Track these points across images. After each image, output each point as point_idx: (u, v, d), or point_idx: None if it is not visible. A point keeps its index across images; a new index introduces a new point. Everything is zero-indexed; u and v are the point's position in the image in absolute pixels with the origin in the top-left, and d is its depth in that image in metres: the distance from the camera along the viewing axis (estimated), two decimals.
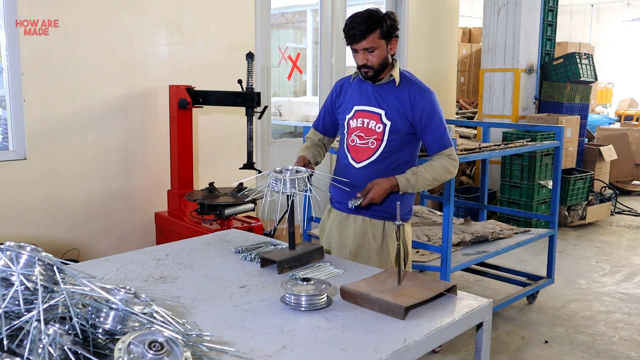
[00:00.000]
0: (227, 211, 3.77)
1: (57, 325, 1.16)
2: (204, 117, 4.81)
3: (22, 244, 1.23)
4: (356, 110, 2.67)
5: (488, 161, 5.13)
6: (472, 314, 1.72)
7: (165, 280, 1.95)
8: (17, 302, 1.15)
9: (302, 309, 1.68)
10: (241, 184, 3.91)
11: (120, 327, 1.24)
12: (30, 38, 3.89)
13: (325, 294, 1.73)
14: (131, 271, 2.04)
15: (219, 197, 3.88)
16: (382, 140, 2.61)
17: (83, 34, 4.13)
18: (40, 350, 1.08)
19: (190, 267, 2.09)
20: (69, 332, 1.18)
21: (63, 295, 1.18)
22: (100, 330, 1.24)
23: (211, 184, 4.02)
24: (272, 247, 2.29)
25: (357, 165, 2.67)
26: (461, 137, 7.01)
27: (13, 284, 1.16)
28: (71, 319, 1.20)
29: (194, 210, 3.94)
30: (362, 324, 1.62)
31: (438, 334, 1.60)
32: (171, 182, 4.34)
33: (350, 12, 5.67)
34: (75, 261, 2.78)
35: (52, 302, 1.17)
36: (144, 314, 1.26)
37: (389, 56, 2.59)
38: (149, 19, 4.48)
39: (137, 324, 1.25)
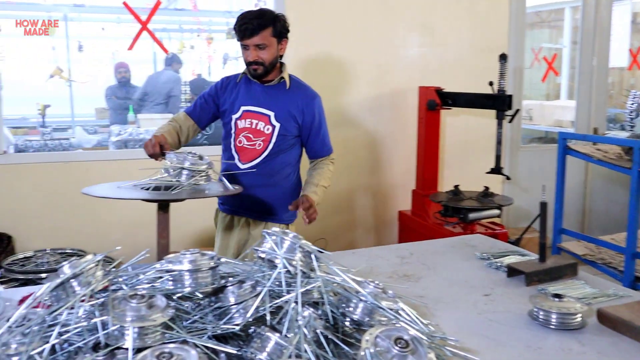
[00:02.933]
0: (472, 215, 3.69)
1: (312, 309, 1.24)
2: (451, 119, 4.77)
3: (286, 230, 1.33)
4: (244, 111, 2.62)
5: None
6: None
7: (409, 279, 1.96)
8: (277, 283, 1.25)
9: (552, 326, 1.57)
10: (487, 188, 3.80)
11: (367, 319, 1.27)
12: (294, 40, 4.23)
13: (580, 315, 1.59)
14: (377, 266, 2.10)
15: (464, 201, 3.82)
16: (270, 141, 2.59)
17: (341, 36, 4.38)
18: (296, 330, 1.16)
19: (434, 269, 2.08)
20: (321, 317, 1.25)
21: (319, 282, 1.25)
22: (348, 320, 1.29)
23: (456, 186, 3.97)
24: (520, 256, 2.18)
25: (242, 166, 2.62)
26: None
27: (276, 267, 1.26)
28: (323, 304, 1.26)
29: (437, 211, 3.93)
30: (622, 354, 1.45)
31: None
32: (416, 182, 4.38)
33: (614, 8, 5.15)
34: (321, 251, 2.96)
35: (308, 287, 1.24)
36: (391, 309, 1.28)
37: (279, 57, 2.61)
38: (402, 22, 4.58)
39: (383, 319, 1.28)
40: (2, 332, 1.05)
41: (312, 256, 1.31)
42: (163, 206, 2.07)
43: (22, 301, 1.65)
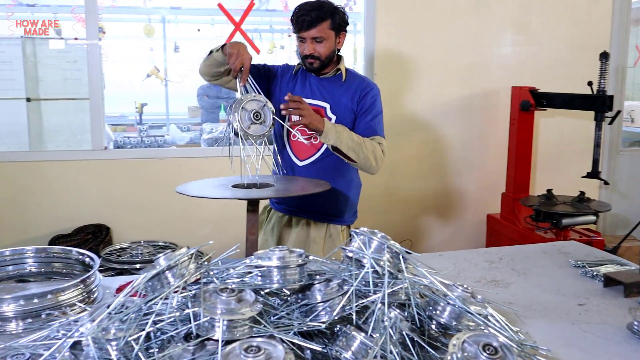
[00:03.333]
0: (565, 221, 3.54)
1: (398, 311, 1.23)
2: (545, 120, 4.60)
3: (374, 230, 1.33)
4: None
5: None
6: None
7: (498, 284, 1.91)
8: (364, 283, 1.25)
9: None
10: (583, 193, 3.63)
11: (455, 323, 1.24)
12: (384, 40, 4.22)
13: None
14: (464, 269, 2.05)
15: (557, 205, 3.67)
16: None
17: (431, 36, 4.32)
18: (382, 330, 1.15)
19: (525, 275, 2.01)
20: (407, 318, 1.24)
21: (406, 284, 1.24)
22: (435, 323, 1.26)
23: (549, 190, 3.82)
24: (618, 265, 2.07)
25: (300, 164, 2.51)
26: None
27: (364, 266, 1.26)
28: (409, 306, 1.25)
29: (528, 216, 3.81)
30: None
31: None
32: (506, 185, 4.26)
33: None
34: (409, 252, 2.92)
35: (395, 288, 1.23)
36: (479, 314, 1.25)
37: (336, 50, 2.48)
38: (494, 20, 4.45)
39: (471, 324, 1.24)
40: (103, 317, 1.10)
41: (400, 257, 1.29)
42: (253, 203, 2.12)
43: (119, 289, 1.73)
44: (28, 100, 4.08)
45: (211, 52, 2.40)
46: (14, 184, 3.92)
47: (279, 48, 5.88)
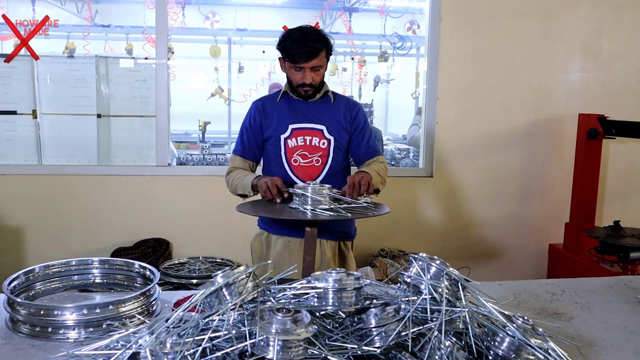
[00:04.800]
0: (633, 254, 3.39)
1: (454, 339, 1.20)
2: (616, 147, 4.45)
3: (433, 256, 1.31)
4: (293, 129, 2.53)
5: None
6: None
7: (560, 318, 1.84)
8: (421, 309, 1.23)
9: None
10: None
11: (514, 355, 1.21)
12: (447, 64, 4.19)
13: None
14: (524, 300, 1.99)
15: (625, 238, 3.53)
16: (328, 156, 2.54)
17: (496, 60, 4.26)
18: (437, 358, 1.13)
19: (589, 309, 1.93)
20: (464, 348, 1.21)
21: (464, 312, 1.21)
22: (493, 354, 1.23)
23: (617, 222, 3.68)
24: None
25: None
26: None
27: (421, 292, 1.24)
28: (467, 335, 1.22)
29: (593, 247, 3.67)
30: None
31: None
32: (570, 215, 4.13)
33: None
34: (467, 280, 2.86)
35: (453, 316, 1.21)
36: (540, 348, 1.21)
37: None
38: (563, 45, 4.36)
39: (531, 357, 1.20)
40: (161, 331, 1.12)
41: (459, 284, 1.27)
42: (311, 225, 2.13)
43: (177, 304, 1.76)
44: (99, 116, 4.25)
45: (245, 195, 2.53)
46: (82, 197, 4.07)
47: (341, 70, 5.93)
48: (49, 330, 1.51)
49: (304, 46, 2.38)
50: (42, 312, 1.52)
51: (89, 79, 4.22)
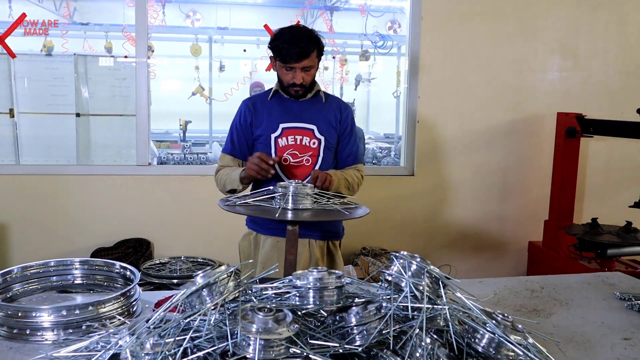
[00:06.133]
0: (610, 251, 3.45)
1: (435, 336, 1.21)
2: (594, 146, 4.51)
3: (414, 254, 1.31)
4: (284, 128, 2.52)
5: None
6: None
7: (539, 314, 1.86)
8: (402, 307, 1.23)
9: None
10: (630, 223, 3.53)
11: (493, 352, 1.21)
12: (428, 63, 4.21)
13: None
14: (504, 297, 2.01)
15: (602, 235, 3.58)
16: (318, 156, 2.54)
17: (476, 59, 4.30)
18: (418, 355, 1.14)
19: (567, 305, 1.96)
20: (445, 345, 1.22)
21: (445, 309, 1.22)
22: (473, 350, 1.24)
23: (594, 219, 3.73)
24: None
25: None
26: None
27: (402, 290, 1.25)
28: (448, 333, 1.23)
29: (571, 245, 3.71)
30: None
31: None
32: (549, 213, 4.18)
33: None
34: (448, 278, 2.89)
35: (434, 314, 1.21)
36: (520, 344, 1.22)
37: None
38: (541, 45, 4.41)
39: (511, 354, 1.21)
40: (141, 331, 1.12)
41: (440, 282, 1.28)
42: (293, 224, 2.12)
43: (158, 304, 1.75)
44: (77, 115, 4.21)
45: (234, 190, 2.52)
46: (61, 197, 4.02)
47: (323, 69, 5.92)
48: (27, 332, 1.49)
49: (295, 46, 2.37)
50: (19, 314, 1.50)
51: (67, 77, 4.17)
